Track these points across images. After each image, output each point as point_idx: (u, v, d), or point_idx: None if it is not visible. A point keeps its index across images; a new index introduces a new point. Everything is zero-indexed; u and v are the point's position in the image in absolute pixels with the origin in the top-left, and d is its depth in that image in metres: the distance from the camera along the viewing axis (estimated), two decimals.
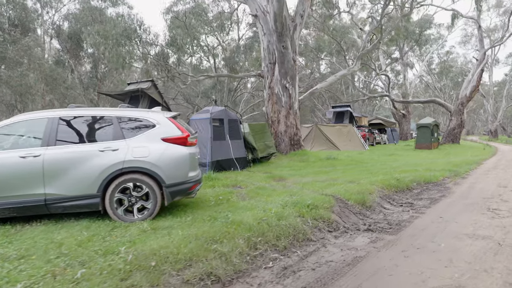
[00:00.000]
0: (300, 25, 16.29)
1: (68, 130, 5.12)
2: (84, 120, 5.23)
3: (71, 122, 5.17)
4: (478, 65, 28.51)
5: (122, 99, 15.77)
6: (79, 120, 5.21)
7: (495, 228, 5.11)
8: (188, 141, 5.34)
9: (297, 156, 14.70)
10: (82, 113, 5.29)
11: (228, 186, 8.08)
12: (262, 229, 4.53)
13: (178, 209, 5.72)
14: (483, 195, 7.84)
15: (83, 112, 5.32)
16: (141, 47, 16.02)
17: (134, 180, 5.02)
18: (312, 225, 5.14)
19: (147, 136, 5.18)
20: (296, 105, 15.91)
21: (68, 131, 5.11)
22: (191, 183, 5.33)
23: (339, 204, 6.31)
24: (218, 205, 6.11)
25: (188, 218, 5.16)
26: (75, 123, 5.18)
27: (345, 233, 5.16)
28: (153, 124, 5.27)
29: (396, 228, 5.33)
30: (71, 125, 5.15)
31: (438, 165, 13.20)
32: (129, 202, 5.05)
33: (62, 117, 5.12)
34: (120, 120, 5.22)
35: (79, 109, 5.42)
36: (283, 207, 5.54)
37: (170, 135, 5.24)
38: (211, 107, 11.13)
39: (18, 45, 25.71)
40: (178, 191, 5.20)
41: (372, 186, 7.88)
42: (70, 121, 5.17)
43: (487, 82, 57.38)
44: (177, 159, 5.18)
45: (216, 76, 23.57)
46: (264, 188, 7.67)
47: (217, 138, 10.63)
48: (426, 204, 7.10)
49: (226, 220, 4.83)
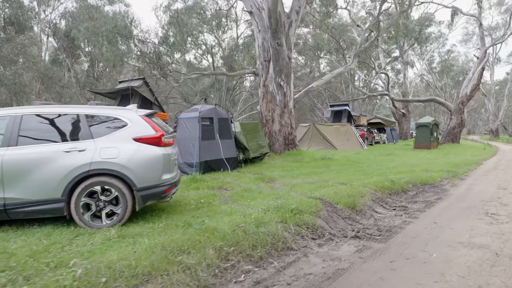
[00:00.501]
0: (296, 22, 15.90)
1: (32, 129, 4.74)
2: (49, 119, 4.85)
3: (34, 120, 4.79)
4: (479, 63, 28.06)
5: (113, 97, 15.41)
6: (43, 118, 4.83)
7: (492, 236, 4.73)
8: (163, 141, 4.97)
9: (291, 156, 14.31)
10: (47, 110, 4.92)
11: (214, 188, 7.70)
12: (237, 237, 4.15)
13: (153, 214, 5.35)
14: (482, 198, 7.45)
15: (48, 110, 4.95)
16: (133, 44, 15.64)
17: (102, 183, 4.65)
18: (295, 232, 4.77)
19: (118, 136, 4.80)
20: (291, 104, 15.52)
21: (31, 130, 4.73)
22: (165, 186, 4.95)
23: (327, 208, 5.93)
24: (198, 209, 5.74)
25: (161, 224, 4.80)
26: (39, 122, 4.81)
27: (331, 240, 4.78)
28: (124, 123, 4.89)
29: (386, 235, 4.95)
30: (34, 124, 4.78)
31: (436, 165, 12.81)
32: (97, 207, 4.68)
33: (25, 115, 4.75)
34: (89, 118, 4.85)
35: (44, 107, 5.05)
36: (264, 212, 5.16)
37: (143, 135, 4.87)
38: (200, 105, 10.74)
39: (12, 43, 25.37)
40: (150, 195, 4.82)
41: (365, 188, 7.51)
42: (33, 119, 4.79)
43: (488, 81, 56.93)
44: (150, 161, 4.81)
45: (209, 74, 23.18)
46: (250, 191, 7.29)
47: (206, 137, 10.24)
48: (420, 207, 6.71)
49: (201, 226, 4.46)
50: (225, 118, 11.19)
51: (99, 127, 4.84)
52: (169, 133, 5.42)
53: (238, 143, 11.91)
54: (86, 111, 4.89)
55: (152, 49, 17.16)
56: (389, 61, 35.82)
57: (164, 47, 16.63)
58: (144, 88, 14.69)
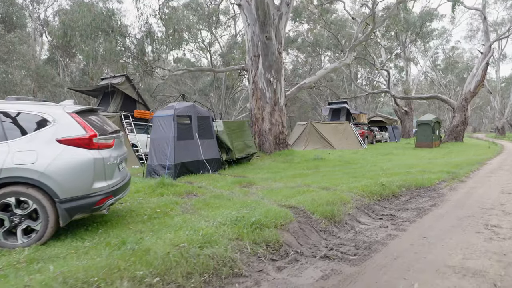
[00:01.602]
0: (286, 14, 15.04)
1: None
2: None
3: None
4: (483, 59, 26.99)
5: (95, 95, 14.65)
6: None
7: (491, 257, 3.87)
8: (95, 143, 4.17)
9: (282, 157, 13.47)
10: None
11: (181, 194, 6.89)
12: (170, 262, 3.33)
13: (90, 228, 4.55)
14: (482, 204, 6.58)
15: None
16: (114, 38, 14.86)
17: (17, 194, 3.86)
18: (251, 252, 3.94)
19: (38, 137, 4.01)
20: (282, 101, 14.66)
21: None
22: (98, 196, 4.15)
23: (300, 220, 5.10)
24: (148, 222, 4.93)
25: (92, 242, 4.02)
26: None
27: (295, 261, 3.95)
28: (47, 121, 4.09)
29: (363, 254, 4.11)
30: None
31: (436, 165, 11.92)
32: (11, 222, 3.88)
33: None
34: (4, 115, 4.06)
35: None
36: (219, 226, 4.34)
37: (69, 136, 4.06)
38: (177, 102, 9.92)
39: (1, 41, 24.72)
40: (77, 207, 4.02)
41: (350, 194, 6.68)
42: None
43: (494, 78, 55.60)
44: (76, 166, 4.01)
45: (195, 70, 22.30)
46: (220, 197, 6.47)
47: (182, 137, 9.43)
48: (411, 216, 5.85)
49: (134, 246, 3.65)
50: (205, 116, 10.37)
51: (15, 126, 4.04)
52: (110, 132, 4.62)
53: (221, 143, 11.11)
54: (1, 106, 4.10)
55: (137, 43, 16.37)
56: (389, 57, 34.78)
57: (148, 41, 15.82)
58: (126, 85, 13.90)
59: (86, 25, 14.10)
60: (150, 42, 15.68)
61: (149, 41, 15.68)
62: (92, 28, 14.15)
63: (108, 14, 15.11)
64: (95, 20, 14.24)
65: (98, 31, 14.45)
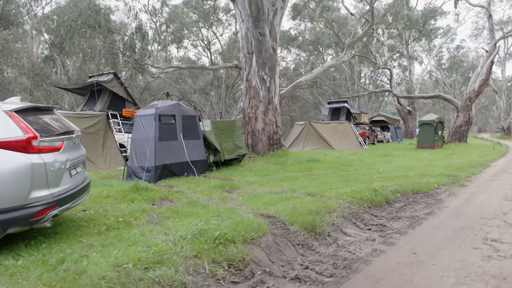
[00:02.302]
0: (282, 10, 14.47)
1: None
2: None
3: None
4: (488, 57, 26.25)
5: (82, 93, 14.17)
6: None
7: (489, 282, 3.30)
8: (35, 146, 3.64)
9: (275, 158, 12.91)
10: None
11: (154, 200, 6.36)
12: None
13: (31, 242, 4.00)
14: (483, 213, 6.00)
15: None
16: (101, 34, 14.38)
17: None
18: (208, 273, 3.40)
19: None
20: (276, 100, 14.10)
21: None
22: (37, 207, 3.61)
23: (275, 232, 4.56)
24: (103, 233, 4.40)
25: (29, 259, 3.48)
26: None
27: (260, 284, 3.41)
28: None
29: (341, 276, 3.56)
30: None
31: (436, 168, 11.32)
32: None
33: None
34: None
35: None
36: (177, 241, 3.81)
37: (3, 137, 3.54)
38: (160, 101, 9.40)
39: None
40: (10, 220, 3.49)
41: (337, 201, 6.12)
42: None
43: (499, 77, 54.62)
44: (10, 173, 3.48)
45: (186, 68, 21.84)
46: (194, 204, 5.94)
47: (164, 138, 8.90)
48: (402, 227, 5.29)
49: (69, 267, 3.14)
50: (191, 115, 9.84)
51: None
52: (58, 134, 4.09)
53: (208, 144, 10.58)
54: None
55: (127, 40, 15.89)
56: (391, 55, 34.07)
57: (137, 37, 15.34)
58: (114, 83, 13.40)
59: (72, 21, 13.64)
60: (140, 39, 15.18)
61: (139, 38, 15.18)
62: (79, 24, 13.67)
63: (95, 9, 14.60)
64: (81, 16, 13.77)
65: (86, 27, 13.97)
